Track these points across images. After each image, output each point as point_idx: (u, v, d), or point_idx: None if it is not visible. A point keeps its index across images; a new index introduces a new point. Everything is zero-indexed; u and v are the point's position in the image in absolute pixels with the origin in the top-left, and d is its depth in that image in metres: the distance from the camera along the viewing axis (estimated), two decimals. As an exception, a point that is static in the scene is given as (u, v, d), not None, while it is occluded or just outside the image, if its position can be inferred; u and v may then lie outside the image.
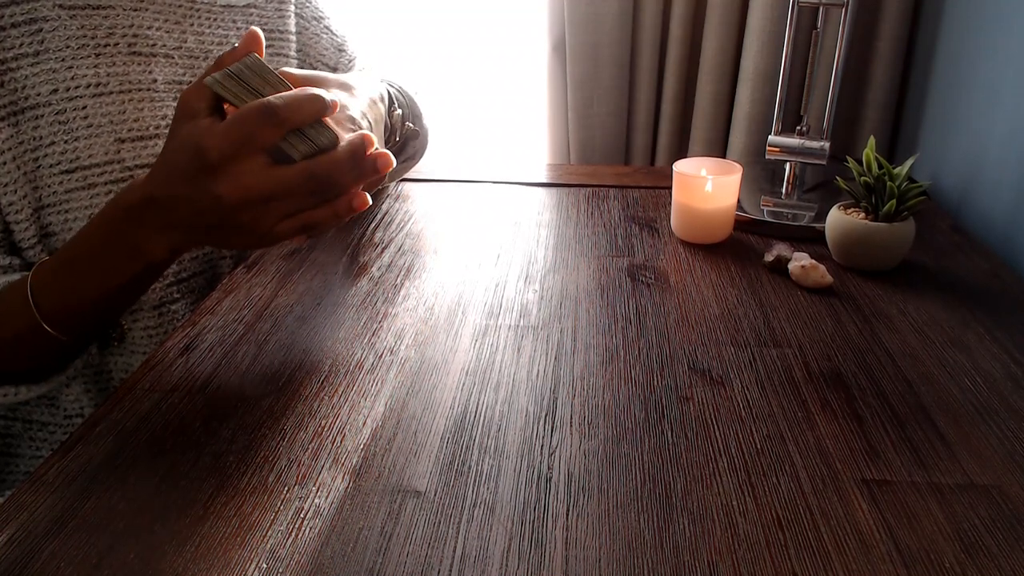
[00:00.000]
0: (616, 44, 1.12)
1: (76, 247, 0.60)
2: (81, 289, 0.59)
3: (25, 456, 0.74)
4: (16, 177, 0.65)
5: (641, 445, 0.52)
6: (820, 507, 0.46)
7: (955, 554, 0.43)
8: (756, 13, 1.06)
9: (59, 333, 0.60)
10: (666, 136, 1.18)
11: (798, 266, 0.73)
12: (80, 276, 0.59)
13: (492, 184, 1.01)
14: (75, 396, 0.72)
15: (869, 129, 1.12)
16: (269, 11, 0.82)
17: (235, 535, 0.45)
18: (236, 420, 0.55)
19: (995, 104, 0.85)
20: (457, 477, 0.49)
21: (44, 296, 0.59)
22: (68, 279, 0.59)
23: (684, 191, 0.81)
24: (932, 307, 0.69)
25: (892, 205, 0.72)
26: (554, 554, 0.43)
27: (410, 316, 0.69)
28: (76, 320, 0.61)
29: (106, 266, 0.58)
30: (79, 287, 0.59)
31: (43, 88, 0.66)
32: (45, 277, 0.60)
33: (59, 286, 0.59)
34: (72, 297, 0.59)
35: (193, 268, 0.76)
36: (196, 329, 0.66)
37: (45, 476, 0.50)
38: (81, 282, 0.59)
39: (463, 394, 0.58)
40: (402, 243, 0.83)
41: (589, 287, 0.73)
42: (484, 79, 1.29)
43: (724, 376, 0.59)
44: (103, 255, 0.58)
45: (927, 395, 0.57)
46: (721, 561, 0.43)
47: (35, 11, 0.66)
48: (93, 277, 0.59)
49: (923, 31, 1.06)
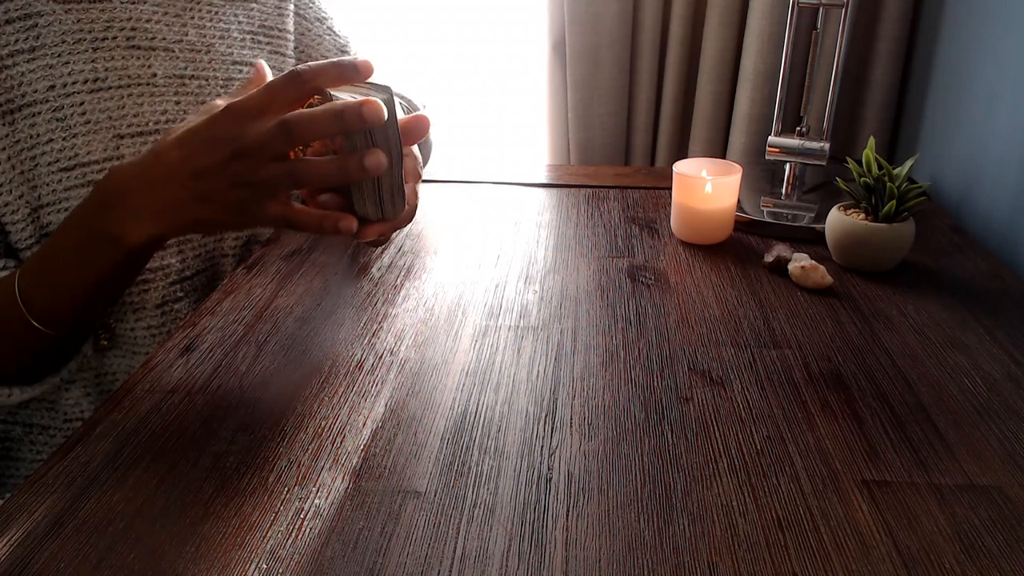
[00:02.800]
0: (616, 44, 1.12)
1: (57, 239, 0.59)
2: (65, 282, 0.59)
3: (26, 460, 0.74)
4: (12, 177, 0.65)
5: (641, 446, 0.52)
6: (820, 508, 0.46)
7: (955, 555, 0.43)
8: (756, 13, 1.06)
9: (48, 329, 0.60)
10: (666, 136, 1.18)
11: (798, 267, 0.73)
12: (63, 268, 0.58)
13: (492, 184, 1.01)
14: (75, 400, 0.72)
15: (869, 129, 1.12)
16: (269, 7, 0.82)
17: (235, 535, 0.45)
18: (236, 421, 0.55)
19: (995, 104, 0.85)
20: (457, 477, 0.49)
21: (31, 291, 0.59)
22: (52, 272, 0.59)
23: (684, 192, 0.81)
24: (932, 307, 0.69)
25: (892, 206, 0.72)
26: (554, 554, 0.43)
27: (410, 317, 0.69)
28: (63, 314, 0.60)
29: (86, 256, 0.57)
30: (63, 280, 0.59)
31: (39, 84, 0.65)
32: (32, 271, 0.60)
33: (44, 280, 0.59)
34: (57, 290, 0.59)
35: (195, 267, 0.76)
36: (196, 330, 0.66)
37: (45, 477, 0.50)
38: (64, 274, 0.59)
39: (463, 395, 0.58)
40: (402, 243, 0.83)
41: (589, 288, 0.73)
42: (484, 79, 1.29)
43: (724, 377, 0.59)
44: (82, 245, 0.57)
45: (927, 395, 0.57)
46: (721, 561, 0.43)
47: (30, 6, 0.65)
48: (75, 269, 0.58)
49: (923, 31, 1.06)
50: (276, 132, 0.50)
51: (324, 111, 0.50)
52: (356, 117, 0.49)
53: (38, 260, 0.60)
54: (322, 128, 0.50)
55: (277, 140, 0.50)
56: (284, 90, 0.51)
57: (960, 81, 0.94)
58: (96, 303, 0.63)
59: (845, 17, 0.85)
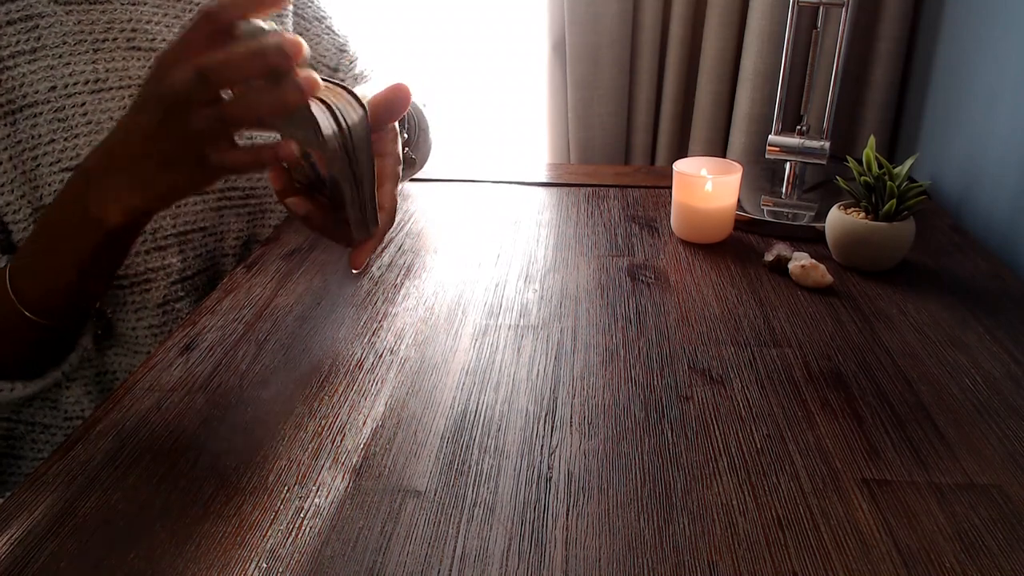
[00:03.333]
0: (616, 44, 1.12)
1: (42, 227, 0.59)
2: (51, 268, 0.59)
3: (27, 458, 0.74)
4: (14, 177, 0.65)
5: (641, 445, 0.52)
6: (820, 507, 0.46)
7: (955, 554, 0.43)
8: (756, 13, 1.06)
9: (41, 318, 0.60)
10: (666, 136, 1.18)
11: (798, 266, 0.73)
12: (48, 255, 0.58)
13: (492, 184, 1.01)
14: (76, 398, 0.72)
15: (869, 129, 1.12)
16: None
17: (235, 535, 0.45)
18: (236, 420, 0.55)
19: (995, 104, 0.85)
20: (457, 477, 0.49)
21: (21, 281, 0.59)
22: (39, 260, 0.59)
23: (684, 191, 0.81)
24: (932, 307, 0.69)
25: (892, 205, 0.72)
26: (554, 554, 0.43)
27: (410, 316, 0.69)
28: (53, 302, 0.60)
29: (68, 241, 0.57)
30: (49, 266, 0.59)
31: (41, 86, 0.65)
32: (20, 262, 0.60)
33: (32, 268, 0.59)
34: (45, 278, 0.59)
35: (196, 266, 0.76)
36: (196, 329, 0.66)
37: (45, 476, 0.50)
38: (50, 261, 0.58)
39: (463, 394, 0.58)
40: (402, 242, 0.83)
41: (589, 287, 0.73)
42: (484, 79, 1.29)
43: (724, 376, 0.59)
44: (64, 230, 0.57)
45: (927, 395, 0.57)
46: (721, 561, 0.43)
47: (31, 7, 0.65)
48: (59, 254, 0.58)
49: (923, 31, 1.06)
50: (193, 78, 0.48)
51: (242, 50, 0.47)
52: (277, 52, 0.47)
53: (26, 250, 0.60)
54: (241, 68, 0.47)
55: (197, 86, 0.48)
56: (196, 31, 0.49)
57: (960, 81, 0.94)
58: (85, 289, 0.62)
59: (845, 17, 0.85)
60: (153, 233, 0.71)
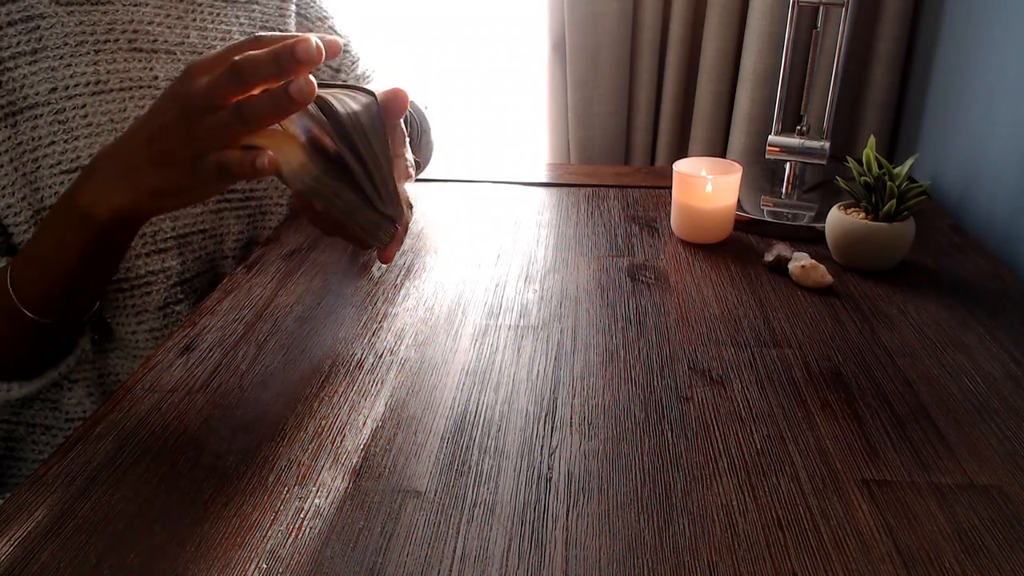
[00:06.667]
0: (616, 44, 1.12)
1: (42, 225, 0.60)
2: (47, 265, 0.59)
3: (28, 459, 0.74)
4: (15, 179, 0.65)
5: (641, 445, 0.52)
6: (820, 507, 0.46)
7: (955, 554, 0.43)
8: (756, 13, 1.06)
9: (38, 316, 0.60)
10: (666, 136, 1.18)
11: (798, 266, 0.73)
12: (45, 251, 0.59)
13: (492, 184, 1.01)
14: (78, 399, 0.72)
15: (869, 129, 1.12)
16: (270, 8, 0.82)
17: (235, 535, 0.45)
18: (236, 420, 0.55)
19: (995, 104, 0.85)
20: (457, 477, 0.49)
21: (20, 278, 0.59)
22: (36, 257, 0.59)
23: (684, 191, 0.81)
24: (932, 307, 0.69)
25: (892, 205, 0.72)
26: (554, 554, 0.43)
27: (410, 316, 0.69)
28: (50, 300, 0.60)
29: (63, 237, 0.57)
30: (46, 263, 0.59)
31: (41, 87, 0.65)
32: (20, 259, 0.60)
33: (30, 265, 0.59)
34: (41, 274, 0.59)
35: (196, 269, 0.76)
36: (196, 329, 0.66)
37: (45, 477, 0.50)
38: (46, 257, 0.59)
39: (463, 394, 0.58)
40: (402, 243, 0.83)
41: (589, 287, 0.73)
42: (484, 79, 1.29)
43: (724, 376, 0.59)
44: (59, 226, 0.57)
45: (927, 395, 0.57)
46: (721, 561, 0.43)
47: (32, 8, 0.65)
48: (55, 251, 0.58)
49: (923, 31, 1.06)
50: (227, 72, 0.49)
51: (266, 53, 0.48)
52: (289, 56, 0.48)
53: (26, 247, 0.60)
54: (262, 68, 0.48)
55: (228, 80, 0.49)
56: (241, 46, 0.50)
57: (960, 81, 0.94)
58: (81, 287, 0.62)
59: (845, 17, 0.85)
60: (153, 236, 0.71)
